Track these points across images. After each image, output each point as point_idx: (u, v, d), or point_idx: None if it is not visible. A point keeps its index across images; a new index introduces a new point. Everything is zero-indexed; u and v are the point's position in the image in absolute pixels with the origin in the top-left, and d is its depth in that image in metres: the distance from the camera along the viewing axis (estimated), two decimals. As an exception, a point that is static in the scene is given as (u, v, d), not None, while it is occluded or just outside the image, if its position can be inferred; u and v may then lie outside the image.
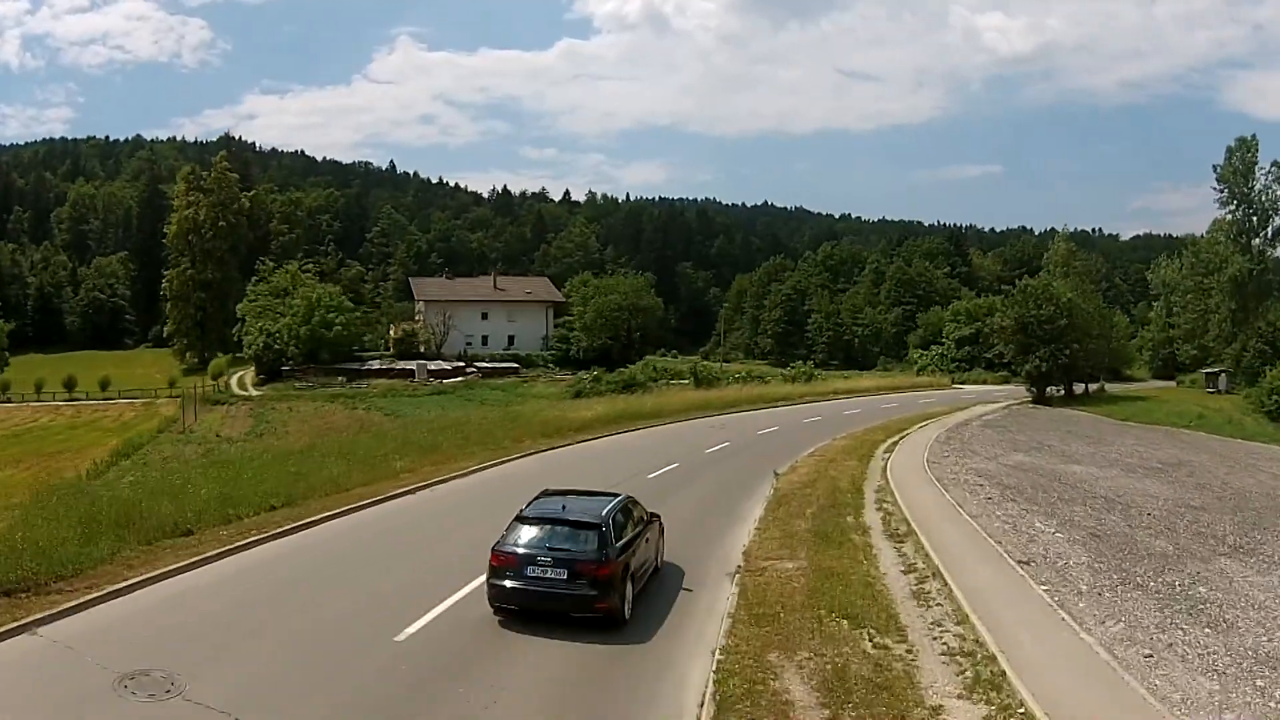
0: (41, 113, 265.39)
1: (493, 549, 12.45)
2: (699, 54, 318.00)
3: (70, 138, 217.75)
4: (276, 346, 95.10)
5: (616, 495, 14.12)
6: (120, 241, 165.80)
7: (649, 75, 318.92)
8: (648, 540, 13.97)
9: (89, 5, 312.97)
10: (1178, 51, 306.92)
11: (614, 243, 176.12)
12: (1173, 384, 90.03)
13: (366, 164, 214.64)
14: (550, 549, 12.26)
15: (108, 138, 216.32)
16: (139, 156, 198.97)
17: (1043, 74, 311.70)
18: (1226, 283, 79.06)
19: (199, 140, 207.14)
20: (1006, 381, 78.06)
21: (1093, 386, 71.68)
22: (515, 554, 12.25)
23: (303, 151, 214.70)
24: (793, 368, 75.19)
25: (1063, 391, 65.05)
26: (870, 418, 47.10)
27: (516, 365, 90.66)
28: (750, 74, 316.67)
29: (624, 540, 12.77)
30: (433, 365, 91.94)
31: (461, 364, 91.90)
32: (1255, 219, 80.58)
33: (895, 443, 34.39)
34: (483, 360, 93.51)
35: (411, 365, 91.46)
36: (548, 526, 12.69)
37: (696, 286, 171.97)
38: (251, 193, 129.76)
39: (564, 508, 13.14)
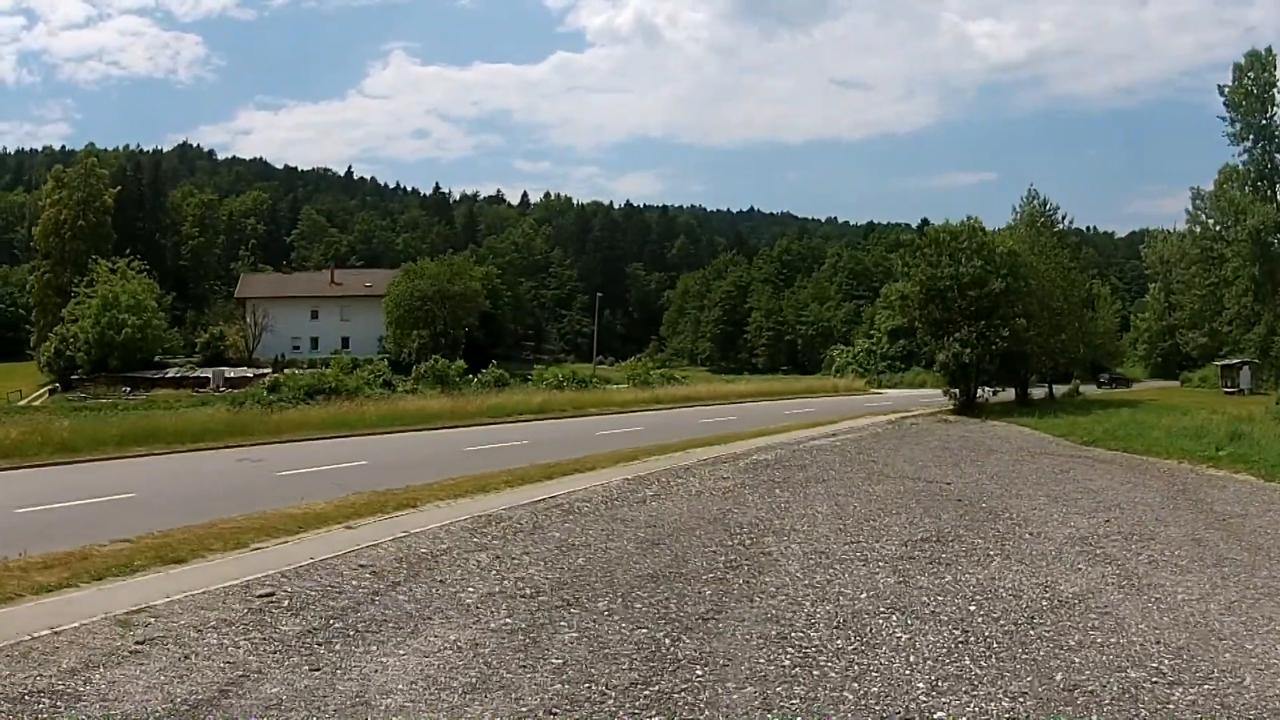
0: (39, 128, 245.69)
1: None
2: (690, 65, 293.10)
3: (27, 149, 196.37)
4: (69, 353, 74.16)
5: None
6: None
7: (641, 87, 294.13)
8: None
9: (84, 21, 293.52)
10: (1167, 55, 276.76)
11: (562, 244, 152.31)
12: (1176, 384, 64.17)
13: (325, 170, 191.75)
14: None
15: (64, 148, 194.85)
16: (84, 165, 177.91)
17: (1033, 80, 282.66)
18: (1244, 241, 53.17)
19: (157, 149, 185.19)
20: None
21: (1064, 388, 46.45)
22: None
23: (262, 159, 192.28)
24: (629, 365, 50.28)
25: (1012, 394, 39.79)
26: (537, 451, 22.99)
27: (335, 371, 66.52)
28: (741, 84, 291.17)
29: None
30: (233, 372, 68.99)
31: (268, 371, 68.54)
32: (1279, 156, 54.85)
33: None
34: (302, 365, 70.21)
35: (209, 373, 69.11)
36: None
37: (649, 289, 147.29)
38: (117, 189, 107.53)
39: None
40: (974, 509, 12.73)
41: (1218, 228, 59.93)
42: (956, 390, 36.35)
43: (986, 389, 37.37)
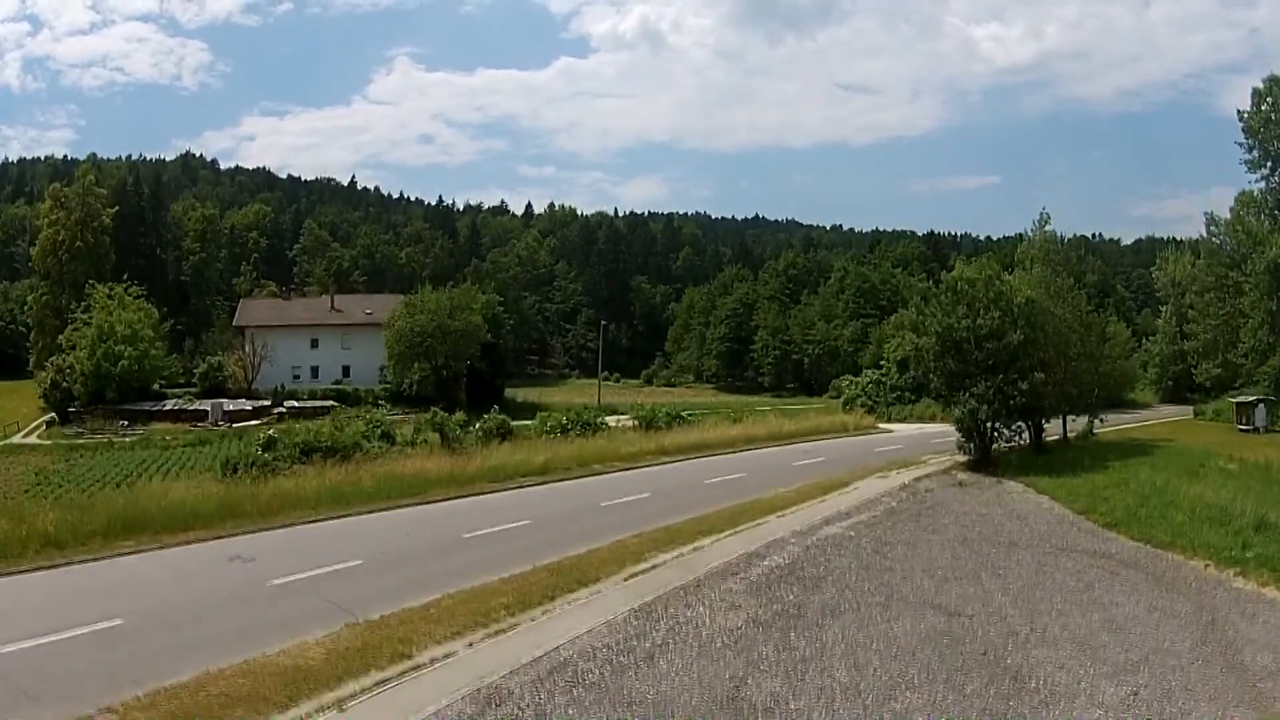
0: (43, 134, 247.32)
1: None
2: (695, 70, 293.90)
3: (29, 158, 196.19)
4: (65, 384, 73.47)
5: None
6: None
7: (646, 92, 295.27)
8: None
9: (88, 27, 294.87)
10: (1173, 57, 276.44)
11: (566, 256, 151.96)
12: (1188, 412, 63.39)
13: (328, 179, 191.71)
14: None
15: (66, 157, 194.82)
16: (82, 183, 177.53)
17: (1039, 83, 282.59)
18: (1262, 273, 52.52)
19: (159, 158, 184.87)
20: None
21: (1079, 424, 45.56)
22: None
23: (265, 168, 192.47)
24: (634, 409, 49.70)
25: (1026, 438, 39.15)
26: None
27: (335, 404, 66.08)
28: (747, 88, 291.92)
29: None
30: (232, 405, 68.35)
31: (267, 403, 68.08)
32: (1300, 184, 54.19)
33: None
34: (302, 396, 69.72)
35: (208, 405, 68.43)
36: None
37: (654, 302, 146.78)
38: (115, 209, 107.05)
39: None
40: (998, 670, 12.22)
41: (1233, 255, 59.20)
42: (971, 443, 35.70)
43: (1002, 435, 36.64)
